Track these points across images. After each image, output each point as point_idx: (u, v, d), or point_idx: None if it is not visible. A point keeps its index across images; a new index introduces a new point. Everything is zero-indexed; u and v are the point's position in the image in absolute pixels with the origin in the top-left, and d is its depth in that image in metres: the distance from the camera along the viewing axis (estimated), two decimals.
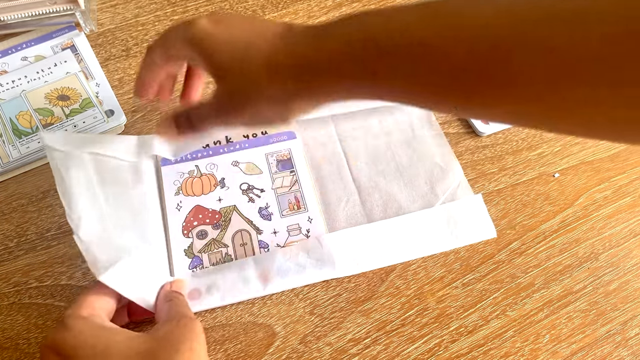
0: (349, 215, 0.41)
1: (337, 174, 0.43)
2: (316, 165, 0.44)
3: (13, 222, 0.41)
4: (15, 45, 0.49)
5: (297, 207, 0.41)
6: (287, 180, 0.42)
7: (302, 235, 0.40)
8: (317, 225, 0.41)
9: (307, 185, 0.42)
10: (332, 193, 0.42)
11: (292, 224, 0.41)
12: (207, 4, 0.53)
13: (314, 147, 0.44)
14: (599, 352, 0.37)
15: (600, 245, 0.42)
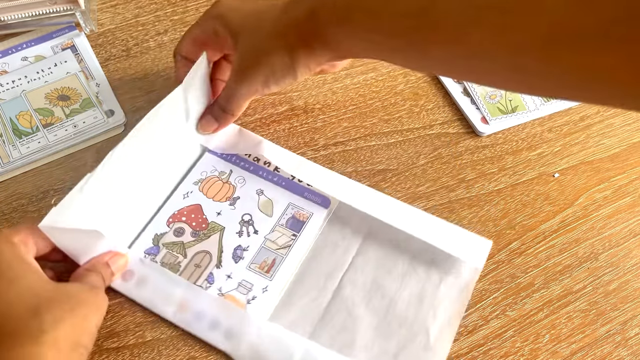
0: (301, 315, 0.37)
1: (330, 268, 0.39)
2: (319, 246, 0.40)
3: (13, 222, 0.41)
4: (15, 45, 0.49)
5: (266, 270, 0.38)
6: (283, 240, 0.40)
7: (244, 298, 0.37)
8: (266, 301, 0.37)
9: (294, 257, 0.39)
10: (308, 281, 0.38)
11: (248, 281, 0.38)
12: (207, 4, 0.53)
13: (331, 232, 0.40)
14: (598, 352, 0.37)
15: (600, 245, 0.42)
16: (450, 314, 0.37)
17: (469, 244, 0.40)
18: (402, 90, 0.49)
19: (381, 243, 0.40)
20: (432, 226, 0.40)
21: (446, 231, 0.40)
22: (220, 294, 0.37)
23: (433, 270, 0.39)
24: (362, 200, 0.41)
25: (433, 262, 0.39)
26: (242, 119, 0.46)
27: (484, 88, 0.48)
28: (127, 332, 0.36)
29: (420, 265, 0.39)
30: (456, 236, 0.40)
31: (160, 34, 0.51)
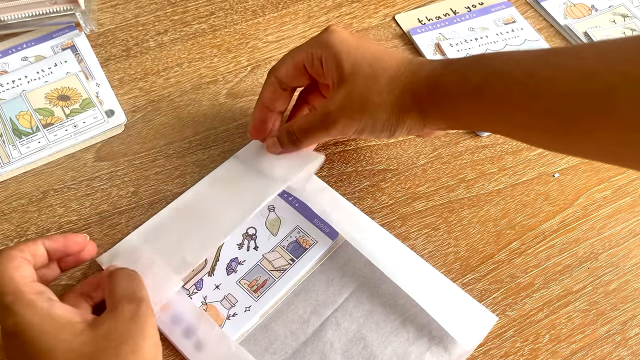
0: (275, 345, 0.36)
1: (318, 304, 0.37)
2: (313, 278, 0.38)
3: (13, 222, 0.41)
4: (15, 45, 0.49)
5: (254, 289, 0.37)
6: (279, 263, 0.38)
7: (224, 313, 0.36)
8: (244, 321, 0.36)
9: (285, 283, 0.38)
10: (292, 312, 0.37)
11: (234, 297, 0.37)
12: (207, 4, 0.53)
13: (330, 267, 0.39)
14: (598, 352, 0.37)
15: (600, 245, 0.42)
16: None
17: (472, 317, 0.37)
18: None
19: (378, 292, 0.38)
20: (438, 290, 0.37)
21: (452, 298, 0.37)
22: (204, 302, 0.37)
23: (424, 334, 0.36)
24: (370, 244, 0.39)
25: (426, 327, 0.36)
26: (241, 119, 0.46)
27: None
28: None
29: (412, 325, 0.37)
30: (461, 305, 0.37)
31: (160, 34, 0.51)
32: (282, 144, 0.40)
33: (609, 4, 0.55)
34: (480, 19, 0.54)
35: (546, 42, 0.52)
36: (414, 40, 0.52)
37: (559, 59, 0.30)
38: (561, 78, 0.29)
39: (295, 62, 0.38)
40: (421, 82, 0.34)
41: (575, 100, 0.28)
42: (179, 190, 0.42)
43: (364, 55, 0.36)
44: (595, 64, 0.28)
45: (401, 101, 0.35)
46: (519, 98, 0.30)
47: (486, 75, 0.32)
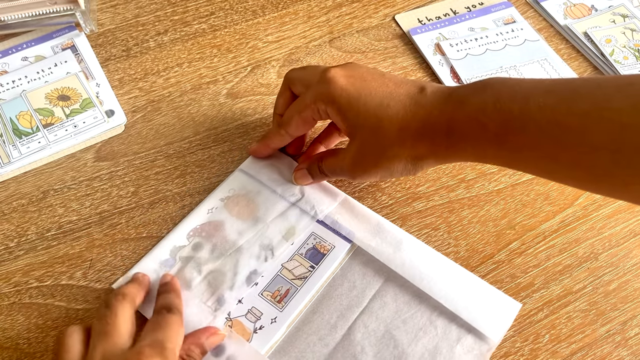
0: (305, 354, 0.35)
1: (344, 308, 0.37)
2: (335, 283, 0.38)
3: (13, 222, 0.41)
4: (15, 46, 0.49)
5: (278, 300, 0.37)
6: (299, 271, 0.38)
7: (251, 327, 0.36)
8: (272, 332, 0.36)
9: (308, 291, 0.37)
10: (319, 319, 0.37)
11: (258, 309, 0.37)
12: (207, 4, 0.53)
13: (350, 269, 0.39)
14: (598, 352, 0.37)
15: (600, 245, 0.42)
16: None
17: (496, 307, 0.37)
18: None
19: (402, 289, 0.38)
20: (458, 283, 0.38)
21: (473, 290, 0.37)
22: (229, 318, 0.36)
23: (452, 326, 0.36)
24: (386, 248, 0.39)
25: (453, 320, 0.36)
26: (242, 119, 0.46)
27: None
28: None
29: (439, 319, 0.37)
30: (483, 296, 0.37)
31: (160, 34, 0.51)
32: (313, 176, 0.40)
33: (609, 4, 0.55)
34: (480, 19, 0.54)
35: (546, 42, 0.52)
36: (413, 40, 0.52)
37: (586, 106, 0.27)
38: (591, 130, 0.27)
39: (304, 118, 0.37)
40: (434, 130, 0.32)
41: (607, 155, 0.27)
42: (178, 190, 0.42)
43: (366, 104, 0.34)
44: (630, 118, 0.26)
45: (415, 151, 0.33)
46: (544, 148, 0.29)
47: (505, 122, 0.30)
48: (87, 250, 0.40)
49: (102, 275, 0.38)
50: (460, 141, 0.32)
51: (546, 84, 0.29)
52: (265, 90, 0.48)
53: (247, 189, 0.41)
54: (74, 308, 0.37)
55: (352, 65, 0.36)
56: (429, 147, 0.33)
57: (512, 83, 0.31)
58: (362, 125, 0.34)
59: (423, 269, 0.38)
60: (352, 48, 0.51)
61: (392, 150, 0.34)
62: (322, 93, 0.35)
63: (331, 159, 0.38)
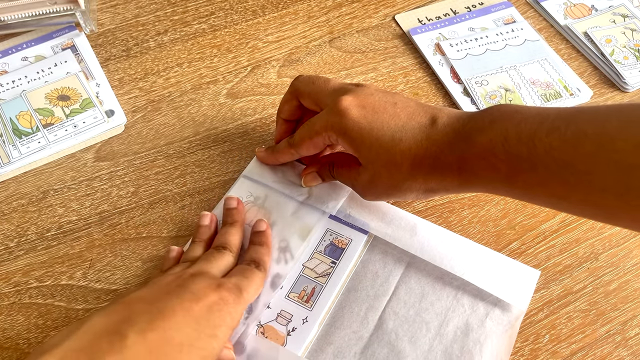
0: (342, 348, 0.35)
1: (372, 298, 0.37)
2: (360, 273, 0.38)
3: (13, 222, 0.41)
4: (15, 45, 0.49)
5: (306, 300, 0.37)
6: (322, 268, 0.38)
7: (284, 331, 0.36)
8: (305, 332, 0.36)
9: (333, 286, 0.37)
10: (348, 312, 0.37)
11: (287, 311, 0.36)
12: (207, 4, 0.53)
13: (373, 258, 0.39)
14: (598, 352, 0.37)
15: (600, 245, 0.41)
16: (498, 350, 0.35)
17: (516, 277, 0.38)
18: (402, 90, 0.49)
19: (424, 272, 0.38)
20: (476, 259, 0.38)
21: (492, 264, 0.38)
22: (260, 324, 0.36)
23: (479, 302, 0.37)
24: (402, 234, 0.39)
25: (478, 295, 0.37)
26: (241, 119, 0.46)
27: (484, 88, 0.48)
28: None
29: (465, 296, 0.37)
30: (502, 268, 0.38)
31: (160, 34, 0.51)
32: (325, 178, 0.41)
33: (609, 4, 0.55)
34: (480, 19, 0.54)
35: (546, 42, 0.52)
36: (413, 40, 0.52)
37: (592, 148, 0.27)
38: (597, 172, 0.27)
39: (314, 143, 0.38)
40: (445, 168, 0.33)
41: (615, 196, 0.27)
42: (178, 190, 0.42)
43: (379, 139, 0.34)
44: (635, 157, 0.26)
45: (427, 185, 0.34)
46: (554, 188, 0.29)
47: (515, 163, 0.30)
48: (87, 250, 0.39)
49: (102, 275, 0.38)
50: (471, 178, 0.32)
51: (551, 120, 0.30)
52: (265, 90, 0.48)
53: (255, 195, 0.41)
54: (74, 308, 0.37)
55: (365, 91, 0.36)
56: (440, 182, 0.33)
57: (518, 119, 0.31)
58: (374, 159, 0.35)
59: (441, 250, 0.39)
60: (352, 48, 0.51)
61: (404, 184, 0.34)
62: (334, 124, 0.35)
63: (344, 172, 0.39)
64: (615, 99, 0.49)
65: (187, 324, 0.29)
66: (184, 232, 0.40)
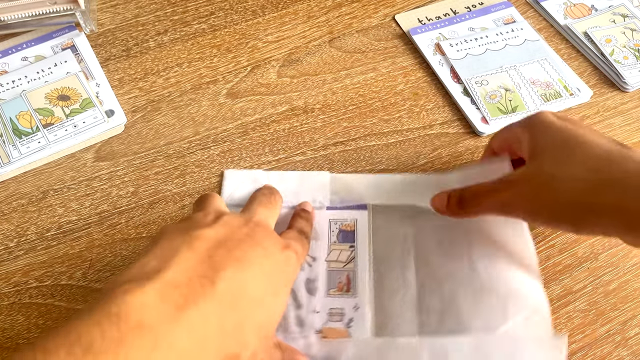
0: (400, 313, 0.36)
1: (400, 260, 0.38)
2: (379, 244, 0.39)
3: (13, 222, 0.41)
4: (15, 45, 0.49)
5: (346, 289, 0.37)
6: (344, 255, 0.38)
7: (343, 324, 0.36)
8: (362, 316, 0.36)
9: (363, 266, 0.38)
10: (388, 282, 0.37)
11: (336, 308, 0.36)
12: (207, 4, 0.53)
13: (382, 225, 0.39)
14: (598, 352, 0.37)
15: (600, 245, 0.41)
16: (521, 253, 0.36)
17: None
18: (402, 90, 0.49)
19: (434, 217, 0.38)
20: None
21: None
22: (318, 330, 0.35)
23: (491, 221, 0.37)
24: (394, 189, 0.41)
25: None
26: (241, 119, 0.46)
27: (484, 88, 0.48)
28: None
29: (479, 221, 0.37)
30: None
31: (160, 34, 0.51)
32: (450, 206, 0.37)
33: (609, 4, 0.55)
34: (480, 19, 0.54)
35: (546, 42, 0.52)
36: (413, 40, 0.52)
37: None
38: None
39: (504, 138, 0.38)
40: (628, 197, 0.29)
41: None
42: (178, 190, 0.42)
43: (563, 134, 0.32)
44: None
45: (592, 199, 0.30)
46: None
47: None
48: (87, 250, 0.40)
49: (102, 275, 0.38)
50: None
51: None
52: (265, 90, 0.48)
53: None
54: (74, 308, 0.37)
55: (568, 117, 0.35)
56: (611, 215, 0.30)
57: None
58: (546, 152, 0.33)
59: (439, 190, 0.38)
60: (352, 48, 0.51)
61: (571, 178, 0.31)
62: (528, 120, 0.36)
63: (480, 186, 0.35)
64: (615, 99, 0.49)
65: (259, 280, 0.28)
66: None
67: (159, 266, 0.25)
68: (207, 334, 0.24)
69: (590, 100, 0.48)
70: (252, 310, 0.27)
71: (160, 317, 0.23)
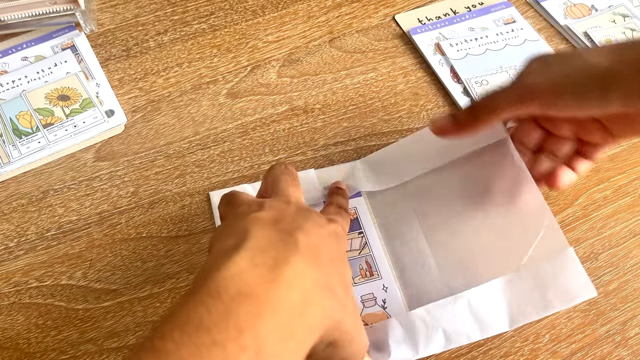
0: (426, 282, 0.37)
1: (409, 233, 0.39)
2: (384, 225, 0.40)
3: (13, 222, 0.41)
4: (15, 45, 0.49)
5: (369, 274, 0.38)
6: (356, 243, 0.39)
7: (378, 306, 0.37)
8: (393, 294, 0.37)
9: (377, 248, 0.39)
10: (405, 256, 0.39)
11: (366, 294, 0.38)
12: (207, 4, 0.53)
13: (380, 206, 0.41)
14: (598, 352, 0.37)
15: (600, 245, 0.41)
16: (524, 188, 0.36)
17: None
18: (402, 90, 0.49)
19: (423, 178, 0.40)
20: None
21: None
22: None
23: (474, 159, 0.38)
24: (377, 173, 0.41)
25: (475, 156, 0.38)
26: (241, 119, 0.46)
27: (484, 88, 0.48)
28: (127, 332, 0.36)
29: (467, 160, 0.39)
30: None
31: (160, 34, 0.51)
32: (459, 121, 0.35)
33: (609, 4, 0.55)
34: (480, 19, 0.53)
35: (546, 42, 0.52)
36: (413, 40, 0.52)
37: None
38: None
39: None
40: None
41: None
42: (178, 190, 0.42)
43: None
44: None
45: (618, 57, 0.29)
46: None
47: None
48: (87, 250, 0.40)
49: (102, 275, 0.38)
50: None
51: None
52: (265, 90, 0.48)
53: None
54: (74, 308, 0.37)
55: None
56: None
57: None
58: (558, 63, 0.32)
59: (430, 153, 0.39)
60: (352, 48, 0.51)
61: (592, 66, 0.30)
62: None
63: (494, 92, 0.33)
64: None
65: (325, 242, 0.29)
66: (184, 232, 0.40)
67: (238, 241, 0.26)
68: (306, 288, 0.25)
69: None
70: (333, 267, 0.28)
71: (257, 281, 0.24)
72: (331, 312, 0.26)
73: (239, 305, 0.23)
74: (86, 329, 0.36)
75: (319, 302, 0.25)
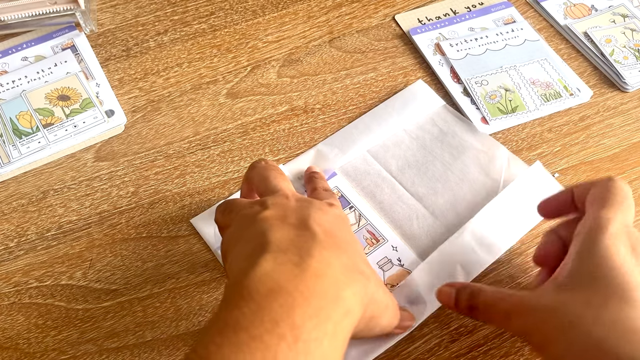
0: (427, 230, 0.41)
1: (393, 194, 0.42)
2: (369, 194, 0.42)
3: (13, 222, 0.41)
4: (15, 45, 0.49)
5: (375, 241, 0.40)
6: (352, 218, 0.41)
7: (397, 266, 0.39)
8: (404, 251, 0.40)
9: (372, 216, 0.41)
10: (398, 215, 0.41)
11: (381, 259, 0.39)
12: (207, 4, 0.53)
13: (357, 178, 0.43)
14: None
15: None
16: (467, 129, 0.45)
17: None
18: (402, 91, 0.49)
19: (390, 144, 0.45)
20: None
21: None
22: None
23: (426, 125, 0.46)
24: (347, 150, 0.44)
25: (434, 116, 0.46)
26: (241, 119, 0.46)
27: (484, 88, 0.48)
28: (127, 332, 0.36)
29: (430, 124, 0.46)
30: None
31: (160, 34, 0.51)
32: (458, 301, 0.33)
33: (609, 4, 0.55)
34: (480, 19, 0.54)
35: (546, 42, 0.52)
36: (413, 40, 0.52)
37: None
38: None
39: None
40: None
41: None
42: (178, 190, 0.42)
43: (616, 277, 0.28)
44: None
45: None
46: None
47: None
48: (87, 250, 0.40)
49: (102, 275, 0.39)
50: None
51: None
52: (265, 90, 0.48)
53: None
54: (74, 308, 0.37)
55: None
56: None
57: None
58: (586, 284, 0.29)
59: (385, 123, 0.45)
60: (352, 48, 0.51)
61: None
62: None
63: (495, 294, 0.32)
64: (615, 99, 0.49)
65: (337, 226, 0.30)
66: (184, 232, 0.40)
67: (257, 245, 0.27)
68: (335, 273, 0.26)
69: (590, 101, 0.48)
70: (350, 246, 0.30)
71: (286, 277, 0.25)
72: (365, 290, 0.27)
73: (271, 301, 0.24)
74: (86, 329, 0.37)
75: (351, 283, 0.27)
